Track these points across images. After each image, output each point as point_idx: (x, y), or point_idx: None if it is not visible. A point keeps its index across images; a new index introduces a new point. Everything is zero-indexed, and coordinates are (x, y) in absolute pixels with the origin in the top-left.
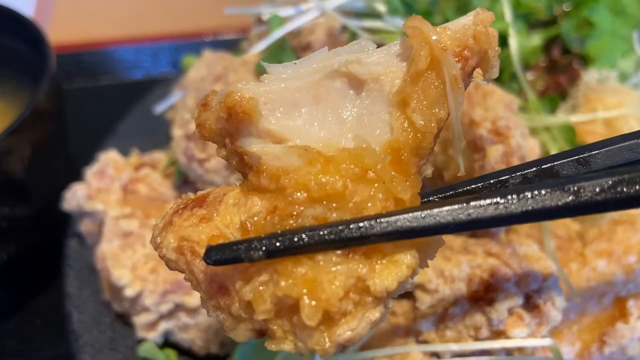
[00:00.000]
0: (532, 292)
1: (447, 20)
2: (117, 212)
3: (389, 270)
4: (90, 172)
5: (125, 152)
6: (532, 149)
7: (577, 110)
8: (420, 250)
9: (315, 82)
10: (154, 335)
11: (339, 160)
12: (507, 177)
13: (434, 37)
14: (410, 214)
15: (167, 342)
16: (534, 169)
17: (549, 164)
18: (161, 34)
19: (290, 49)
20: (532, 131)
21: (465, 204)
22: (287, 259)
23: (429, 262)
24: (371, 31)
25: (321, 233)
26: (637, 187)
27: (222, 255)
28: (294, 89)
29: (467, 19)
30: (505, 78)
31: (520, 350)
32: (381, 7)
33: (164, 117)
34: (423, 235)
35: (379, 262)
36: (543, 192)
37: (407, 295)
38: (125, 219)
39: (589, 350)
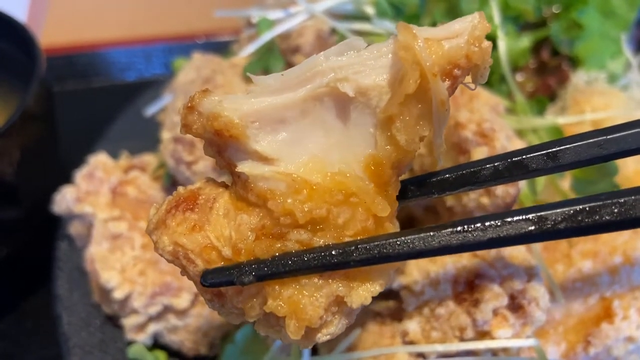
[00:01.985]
0: (516, 292)
1: (435, 24)
2: (106, 214)
3: (364, 287)
4: (79, 174)
5: (116, 155)
6: None
7: (565, 112)
8: (392, 267)
9: (303, 97)
10: (143, 337)
11: (323, 187)
12: (479, 168)
13: (426, 61)
14: (387, 241)
15: (157, 344)
16: (504, 161)
17: (519, 157)
18: (154, 36)
19: (279, 51)
20: (520, 133)
21: (436, 232)
22: (274, 281)
23: (415, 263)
24: (360, 34)
25: (305, 259)
26: (597, 217)
27: (217, 279)
28: (281, 106)
29: (461, 27)
30: (494, 80)
31: (505, 350)
32: (370, 10)
33: (155, 120)
34: (398, 260)
35: (356, 280)
36: (508, 220)
37: (394, 296)
38: (114, 221)
39: (575, 350)
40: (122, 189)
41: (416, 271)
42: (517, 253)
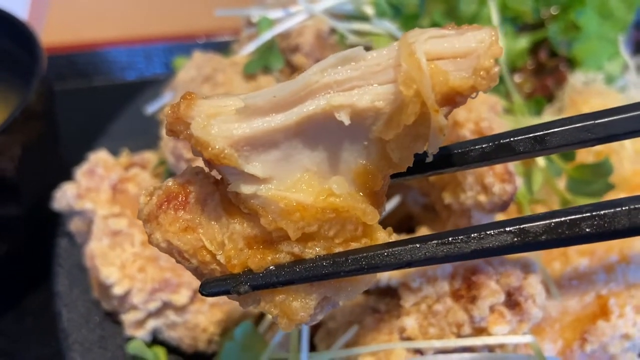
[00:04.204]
0: (513, 289)
1: (434, 24)
2: (106, 211)
3: (352, 287)
4: (80, 171)
5: (116, 152)
6: None
7: (563, 113)
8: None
9: (296, 121)
10: (143, 333)
11: (316, 208)
12: (467, 149)
13: (429, 98)
14: (375, 253)
15: (156, 340)
16: (492, 143)
17: (507, 140)
18: (154, 35)
19: (279, 50)
20: None
21: (422, 244)
22: None
23: None
24: (359, 34)
25: (297, 270)
26: (577, 230)
27: (214, 288)
28: (273, 130)
29: (471, 48)
30: None
31: (502, 347)
32: (369, 10)
33: (156, 118)
34: (386, 271)
35: (344, 283)
36: (490, 232)
37: (392, 293)
38: (115, 217)
39: (571, 348)
40: (123, 185)
41: (414, 268)
42: None
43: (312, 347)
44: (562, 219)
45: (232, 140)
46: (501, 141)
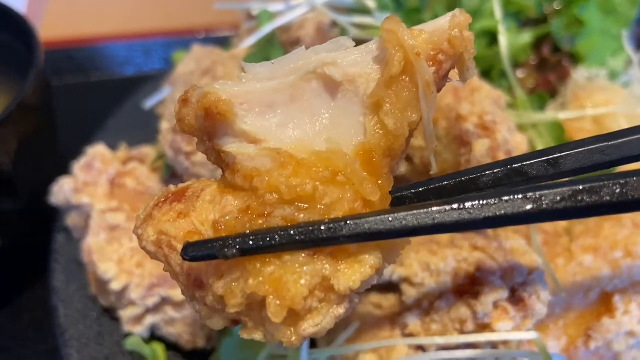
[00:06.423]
0: (517, 285)
1: (437, 17)
2: (104, 205)
3: (353, 270)
4: (77, 165)
5: (115, 147)
6: (519, 145)
7: (566, 108)
8: (385, 250)
9: (292, 83)
10: (141, 330)
11: (310, 163)
12: (478, 174)
13: (409, 42)
14: (378, 217)
15: (154, 336)
16: (504, 168)
17: (519, 164)
18: (153, 30)
19: (279, 44)
20: (520, 128)
21: (430, 209)
22: (256, 258)
23: (415, 255)
24: (360, 27)
25: (292, 233)
26: (596, 198)
27: (198, 252)
28: (271, 90)
29: (444, 21)
30: (495, 75)
31: (506, 343)
32: (370, 3)
33: (154, 113)
34: (390, 238)
35: (343, 261)
36: (505, 198)
37: (394, 288)
38: (112, 212)
39: (575, 344)
40: (121, 180)
41: (416, 264)
42: (518, 246)
43: (313, 344)
44: (582, 186)
45: (230, 92)
46: (513, 165)
